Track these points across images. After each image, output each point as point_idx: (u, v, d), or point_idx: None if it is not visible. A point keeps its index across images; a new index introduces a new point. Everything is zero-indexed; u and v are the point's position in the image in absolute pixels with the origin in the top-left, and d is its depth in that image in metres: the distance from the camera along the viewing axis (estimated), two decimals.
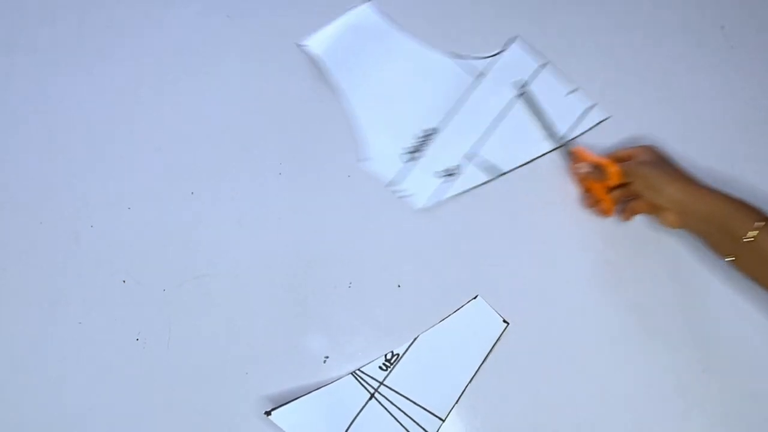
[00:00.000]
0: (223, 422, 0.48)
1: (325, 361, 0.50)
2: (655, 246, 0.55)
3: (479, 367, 0.50)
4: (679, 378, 0.51)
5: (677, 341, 0.52)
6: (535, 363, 0.51)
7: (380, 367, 0.49)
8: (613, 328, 0.52)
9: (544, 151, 0.57)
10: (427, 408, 0.48)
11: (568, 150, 0.57)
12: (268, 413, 0.46)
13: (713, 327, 0.53)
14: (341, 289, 0.52)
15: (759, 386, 0.51)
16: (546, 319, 0.52)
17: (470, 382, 0.49)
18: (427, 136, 0.57)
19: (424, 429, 0.48)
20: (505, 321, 0.51)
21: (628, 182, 0.52)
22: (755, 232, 0.45)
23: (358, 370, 0.49)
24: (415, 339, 0.50)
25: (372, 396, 0.48)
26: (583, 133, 0.58)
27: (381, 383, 0.49)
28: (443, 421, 0.48)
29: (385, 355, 0.50)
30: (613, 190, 0.54)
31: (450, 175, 0.55)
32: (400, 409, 0.48)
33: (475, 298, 0.52)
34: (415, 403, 0.48)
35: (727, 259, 0.48)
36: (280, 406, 0.46)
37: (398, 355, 0.50)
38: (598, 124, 0.59)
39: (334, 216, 0.54)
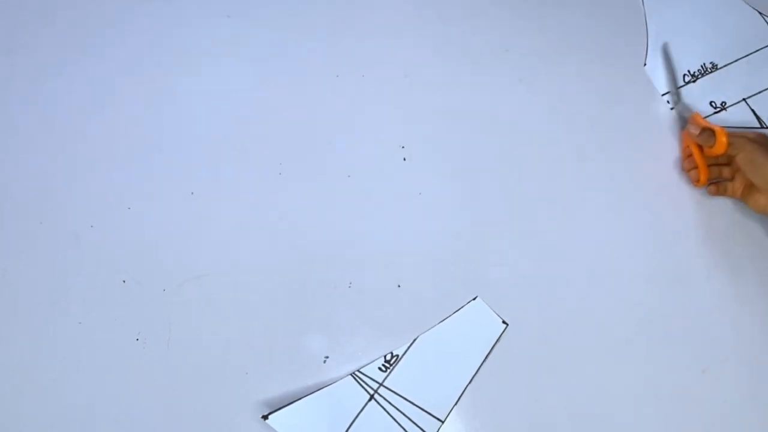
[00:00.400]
0: (223, 422, 0.48)
1: (325, 362, 0.50)
2: (654, 247, 0.55)
3: (479, 368, 0.50)
4: (679, 378, 0.51)
5: (677, 341, 0.52)
6: (535, 364, 0.51)
7: (380, 368, 0.49)
8: (613, 328, 0.52)
9: None
10: (427, 409, 0.48)
11: (686, 115, 0.60)
12: (265, 417, 0.46)
13: (713, 327, 0.53)
14: (341, 289, 0.52)
15: (759, 386, 0.51)
16: (545, 319, 0.52)
17: (470, 383, 0.49)
18: (713, 66, 0.63)
19: (423, 430, 0.48)
20: (504, 322, 0.51)
21: (730, 158, 0.53)
22: None
23: (358, 371, 0.49)
24: (414, 340, 0.50)
25: (371, 397, 0.48)
26: None
27: (380, 384, 0.49)
28: (443, 422, 0.48)
29: (385, 356, 0.50)
30: (713, 165, 0.55)
31: (720, 109, 0.61)
32: (399, 410, 0.48)
33: (474, 299, 0.52)
34: (414, 404, 0.48)
35: None
36: (278, 409, 0.46)
37: (398, 356, 0.50)
38: None
39: (334, 216, 0.54)
